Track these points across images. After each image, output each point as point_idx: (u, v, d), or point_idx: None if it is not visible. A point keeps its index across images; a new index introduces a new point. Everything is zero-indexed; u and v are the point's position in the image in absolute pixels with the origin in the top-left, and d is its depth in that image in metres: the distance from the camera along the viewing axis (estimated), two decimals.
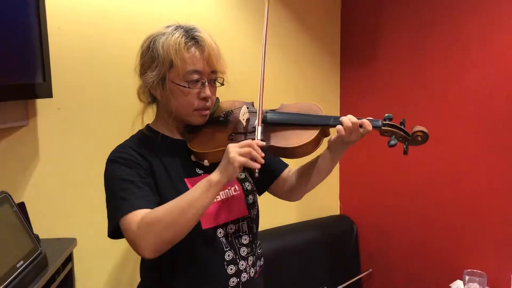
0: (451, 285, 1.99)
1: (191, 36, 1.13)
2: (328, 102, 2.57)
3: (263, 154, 1.03)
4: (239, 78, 1.50)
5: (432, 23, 2.10)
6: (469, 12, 1.96)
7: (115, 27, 1.78)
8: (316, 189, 1.32)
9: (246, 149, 1.02)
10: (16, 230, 1.22)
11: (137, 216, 1.03)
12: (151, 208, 1.05)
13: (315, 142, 1.16)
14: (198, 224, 1.11)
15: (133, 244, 1.04)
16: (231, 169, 1.02)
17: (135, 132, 1.24)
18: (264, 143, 1.06)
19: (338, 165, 1.28)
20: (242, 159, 1.01)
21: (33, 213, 1.41)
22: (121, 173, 1.10)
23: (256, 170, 1.02)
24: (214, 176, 1.04)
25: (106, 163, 1.14)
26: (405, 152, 1.15)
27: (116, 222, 1.06)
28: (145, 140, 1.20)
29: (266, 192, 1.39)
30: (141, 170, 1.11)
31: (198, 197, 1.03)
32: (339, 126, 1.13)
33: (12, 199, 1.24)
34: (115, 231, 1.08)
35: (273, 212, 2.26)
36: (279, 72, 2.32)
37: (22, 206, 1.37)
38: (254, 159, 1.02)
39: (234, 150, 1.02)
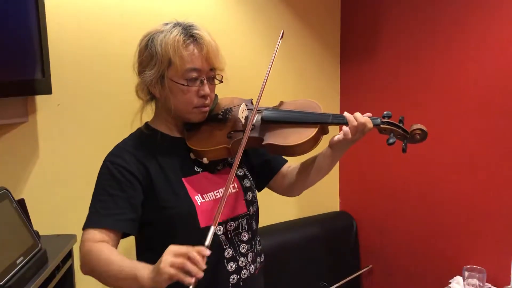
0: (450, 281, 1.99)
1: (189, 33, 1.12)
2: (328, 99, 2.56)
3: (203, 266, 0.90)
4: (238, 75, 1.51)
5: (432, 19, 2.10)
6: (469, 8, 1.95)
7: (114, 23, 1.78)
8: (316, 185, 1.32)
9: (179, 260, 0.89)
10: (16, 227, 1.22)
11: (93, 236, 1.06)
12: (119, 227, 1.08)
13: (314, 140, 1.15)
14: (197, 223, 1.12)
15: (79, 257, 1.09)
16: (159, 279, 0.91)
17: (134, 129, 1.24)
18: (208, 253, 0.92)
19: (338, 161, 1.28)
20: (172, 272, 0.89)
21: (33, 210, 1.42)
22: (105, 183, 1.11)
23: (189, 287, 0.89)
24: (143, 273, 0.95)
25: (101, 164, 1.15)
26: (404, 150, 1.14)
27: (84, 228, 1.10)
28: (143, 139, 1.19)
29: (266, 188, 1.39)
30: (127, 182, 1.11)
31: (122, 278, 1.00)
32: (345, 129, 1.12)
33: (11, 196, 1.24)
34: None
35: (273, 208, 2.26)
36: (279, 69, 2.32)
37: (22, 202, 1.37)
38: (189, 273, 0.89)
39: (166, 259, 0.90)
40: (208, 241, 0.96)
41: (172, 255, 0.91)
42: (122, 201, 1.09)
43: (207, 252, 0.93)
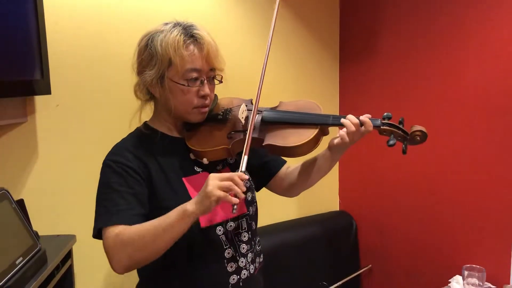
0: (450, 280, 1.99)
1: (189, 33, 1.12)
2: (327, 99, 2.56)
3: (244, 189, 0.98)
4: (238, 75, 1.51)
5: (431, 19, 2.10)
6: (467, 8, 1.95)
7: (113, 23, 1.77)
8: (316, 185, 1.32)
9: (226, 183, 0.97)
10: (15, 227, 1.22)
11: (114, 231, 1.04)
12: (131, 223, 1.05)
13: (314, 141, 1.15)
14: (197, 222, 1.11)
15: (108, 257, 1.05)
16: (207, 202, 0.97)
17: (133, 129, 1.24)
18: (247, 177, 1.01)
19: (338, 160, 1.28)
20: (221, 193, 0.96)
21: (32, 210, 1.41)
22: (110, 180, 1.10)
23: (234, 206, 0.97)
24: (190, 206, 0.99)
25: (102, 165, 1.14)
26: (404, 152, 1.14)
27: (97, 230, 1.08)
28: (143, 139, 1.19)
29: (266, 188, 1.39)
30: (132, 178, 1.10)
31: (172, 225, 1.00)
32: (342, 133, 1.13)
33: (11, 196, 1.24)
34: (97, 235, 1.09)
35: (273, 208, 2.26)
36: (278, 69, 2.32)
37: (21, 203, 1.36)
38: (234, 194, 0.97)
39: (213, 183, 0.97)
40: (243, 167, 1.03)
41: (218, 179, 0.97)
42: (130, 196, 1.08)
43: (246, 176, 1.01)
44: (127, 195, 1.08)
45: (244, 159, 1.04)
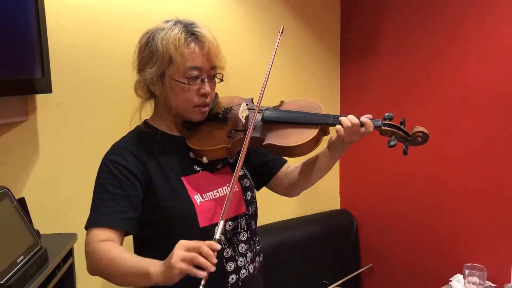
0: (451, 279, 1.99)
1: (190, 31, 1.12)
2: (328, 98, 2.56)
3: (214, 260, 0.90)
4: (239, 74, 1.51)
5: (432, 17, 2.09)
6: (469, 6, 1.95)
7: (114, 22, 1.77)
8: (316, 183, 1.31)
9: (190, 255, 0.89)
10: (17, 225, 1.22)
11: (97, 237, 1.06)
12: (119, 226, 1.07)
13: (315, 141, 1.15)
14: (196, 222, 1.12)
15: (85, 257, 1.08)
16: (170, 274, 0.91)
17: (133, 127, 1.24)
18: (219, 247, 0.92)
19: (338, 159, 1.28)
20: (183, 266, 0.89)
21: (34, 208, 1.41)
22: (105, 181, 1.11)
23: (201, 281, 0.89)
24: (154, 269, 0.95)
25: (100, 163, 1.14)
26: (405, 153, 1.13)
27: (86, 228, 1.11)
28: (142, 137, 1.19)
29: (266, 187, 1.39)
30: (127, 180, 1.10)
31: (132, 276, 1.00)
32: (338, 126, 1.12)
33: (12, 195, 1.24)
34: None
35: (273, 207, 2.26)
36: (279, 68, 2.31)
37: (22, 201, 1.37)
38: (201, 266, 0.89)
39: (177, 253, 0.90)
40: (218, 235, 0.96)
41: (184, 250, 0.91)
42: (122, 199, 1.09)
43: (218, 247, 0.93)
44: (119, 197, 1.09)
45: (220, 223, 0.97)
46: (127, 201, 1.09)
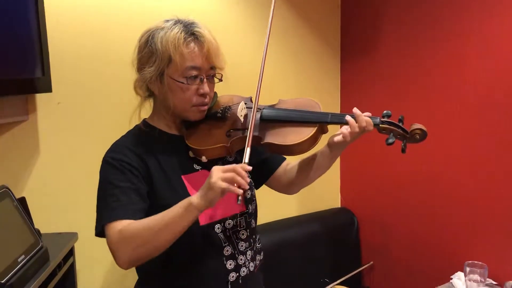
0: (452, 276, 1.99)
1: (190, 31, 1.12)
2: (328, 96, 2.56)
3: (248, 180, 0.98)
4: (238, 73, 1.50)
5: (432, 15, 2.09)
6: (468, 5, 1.94)
7: (114, 21, 1.77)
8: (317, 181, 1.31)
9: (229, 174, 0.97)
10: (17, 225, 1.22)
11: (117, 227, 1.03)
12: (134, 217, 1.05)
13: (313, 140, 1.15)
14: (196, 221, 1.11)
15: (112, 253, 1.05)
16: (211, 194, 0.97)
17: (132, 126, 1.23)
18: (250, 168, 1.01)
19: (338, 157, 1.28)
20: (224, 184, 0.96)
21: (34, 208, 1.42)
22: (111, 177, 1.10)
23: (238, 197, 0.97)
24: (195, 199, 0.99)
25: (101, 162, 1.14)
26: (403, 151, 1.13)
27: (101, 227, 1.07)
28: (141, 136, 1.19)
29: (266, 185, 1.39)
30: (132, 174, 1.10)
31: (176, 219, 1.00)
32: (344, 131, 1.12)
33: (12, 194, 1.24)
34: (100, 232, 1.09)
35: (274, 205, 2.26)
36: (279, 67, 2.31)
37: (22, 201, 1.37)
38: (238, 185, 0.97)
39: (217, 174, 0.97)
40: (247, 158, 1.04)
41: (222, 171, 0.97)
42: (132, 192, 1.08)
43: (249, 168, 1.01)
44: (128, 190, 1.08)
45: (247, 150, 1.05)
46: (137, 193, 1.09)
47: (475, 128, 1.97)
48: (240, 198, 0.97)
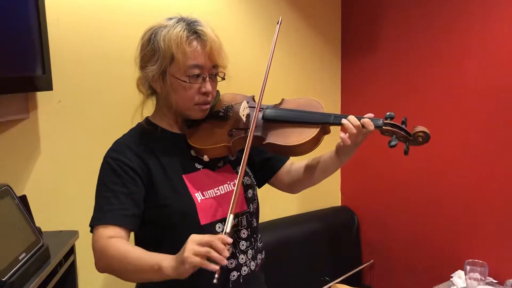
0: (452, 275, 1.99)
1: (193, 29, 1.11)
2: (329, 96, 2.56)
3: (227, 254, 0.91)
4: (240, 72, 1.49)
5: (433, 14, 2.09)
6: (469, 3, 1.94)
7: (115, 19, 1.77)
8: None
9: (203, 249, 0.90)
10: (18, 223, 1.22)
11: (104, 234, 1.05)
12: (122, 223, 1.07)
13: (315, 141, 1.14)
14: (197, 220, 1.12)
15: (93, 253, 1.08)
16: (182, 269, 0.91)
17: (135, 124, 1.23)
18: (230, 241, 0.92)
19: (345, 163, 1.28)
20: (196, 261, 0.89)
21: (35, 206, 1.42)
22: (106, 179, 1.11)
23: (215, 274, 0.89)
24: (165, 266, 0.95)
25: (102, 161, 1.14)
26: (406, 153, 1.11)
27: (91, 227, 1.11)
28: (143, 135, 1.19)
29: (268, 184, 1.39)
30: (130, 177, 1.10)
31: (144, 271, 0.99)
32: (343, 136, 1.11)
33: (13, 192, 1.24)
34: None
35: (274, 204, 2.26)
36: (280, 66, 2.31)
37: (23, 199, 1.37)
38: (213, 261, 0.90)
39: (190, 247, 0.91)
40: (228, 228, 0.96)
41: (196, 244, 0.91)
42: (124, 197, 1.09)
43: (230, 240, 0.93)
44: (121, 195, 1.09)
45: (230, 218, 0.97)
46: (129, 198, 1.09)
47: (475, 127, 1.97)
48: (216, 276, 0.89)
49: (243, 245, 1.20)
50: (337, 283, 2.27)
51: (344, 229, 2.51)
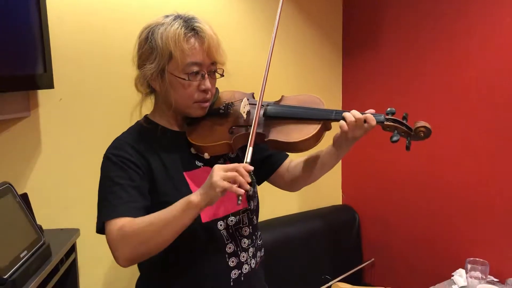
0: (453, 273, 1.99)
1: (190, 26, 1.11)
2: (330, 93, 2.56)
3: (249, 179, 0.97)
4: (240, 69, 1.49)
5: (434, 11, 2.08)
6: (471, 2, 1.94)
7: (115, 17, 1.77)
8: (319, 179, 1.31)
9: (231, 174, 0.96)
10: (20, 221, 1.22)
11: (117, 224, 1.03)
12: (134, 215, 1.04)
13: (316, 137, 1.14)
14: (198, 218, 1.11)
15: (111, 251, 1.04)
16: (212, 193, 0.96)
17: (133, 123, 1.23)
18: (252, 168, 1.00)
19: (342, 157, 1.27)
20: (225, 184, 0.95)
21: (36, 204, 1.42)
22: (112, 174, 1.09)
23: (239, 197, 0.97)
24: (194, 197, 0.98)
25: (102, 158, 1.13)
26: (408, 148, 1.11)
27: (101, 224, 1.07)
28: (143, 133, 1.18)
29: (268, 182, 1.39)
30: (133, 171, 1.10)
31: (175, 217, 1.00)
32: (342, 122, 1.10)
33: (15, 190, 1.25)
34: (101, 229, 1.09)
35: (276, 202, 2.26)
36: (281, 63, 2.31)
37: (25, 197, 1.37)
38: (239, 185, 0.96)
39: (218, 173, 0.96)
40: (249, 158, 1.02)
41: (223, 170, 0.97)
42: (132, 189, 1.08)
43: (251, 168, 0.99)
44: (129, 188, 1.07)
45: (249, 150, 1.04)
46: (137, 190, 1.08)
47: (476, 125, 1.97)
48: (240, 198, 0.97)
49: (244, 243, 1.20)
50: (338, 281, 2.27)
51: (345, 228, 2.51)
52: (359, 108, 1.15)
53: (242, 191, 0.96)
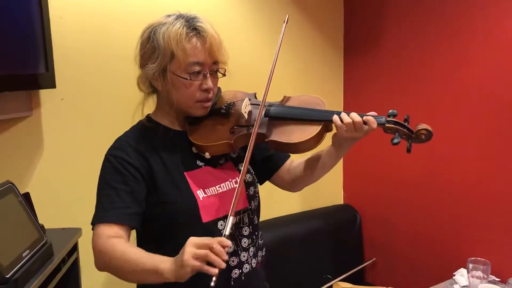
0: (455, 273, 1.99)
1: (192, 26, 1.11)
2: (331, 93, 2.55)
3: (225, 257, 0.90)
4: (242, 69, 1.50)
5: (436, 11, 2.08)
6: (473, 2, 1.94)
7: (117, 17, 1.77)
8: (320, 178, 1.31)
9: (202, 252, 0.89)
10: (22, 220, 1.22)
11: (104, 233, 1.05)
12: (124, 222, 1.07)
13: (317, 138, 1.14)
14: (199, 218, 1.12)
15: (92, 251, 1.08)
16: (182, 272, 0.91)
17: (135, 122, 1.24)
18: (229, 244, 0.92)
19: (342, 157, 1.27)
20: (196, 264, 0.89)
21: (38, 203, 1.42)
22: (108, 177, 1.11)
23: (213, 278, 0.88)
24: (165, 266, 0.95)
25: (104, 158, 1.14)
26: (408, 150, 1.12)
27: (92, 225, 1.11)
28: (145, 132, 1.19)
29: (269, 182, 1.39)
30: (131, 175, 1.10)
31: (144, 272, 0.99)
32: (337, 122, 1.11)
33: (17, 190, 1.25)
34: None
35: (277, 201, 2.26)
36: (282, 63, 2.30)
37: (27, 196, 1.37)
38: (212, 264, 0.89)
39: (189, 250, 0.90)
40: (227, 231, 0.95)
41: (195, 247, 0.91)
42: (126, 194, 1.09)
43: (229, 243, 0.93)
44: (123, 193, 1.09)
45: (229, 220, 0.96)
46: (131, 196, 1.09)
47: (478, 125, 1.97)
48: (214, 279, 0.88)
49: (245, 242, 1.20)
50: (339, 281, 2.27)
51: (346, 227, 2.51)
52: (360, 108, 1.15)
53: (215, 271, 0.88)
